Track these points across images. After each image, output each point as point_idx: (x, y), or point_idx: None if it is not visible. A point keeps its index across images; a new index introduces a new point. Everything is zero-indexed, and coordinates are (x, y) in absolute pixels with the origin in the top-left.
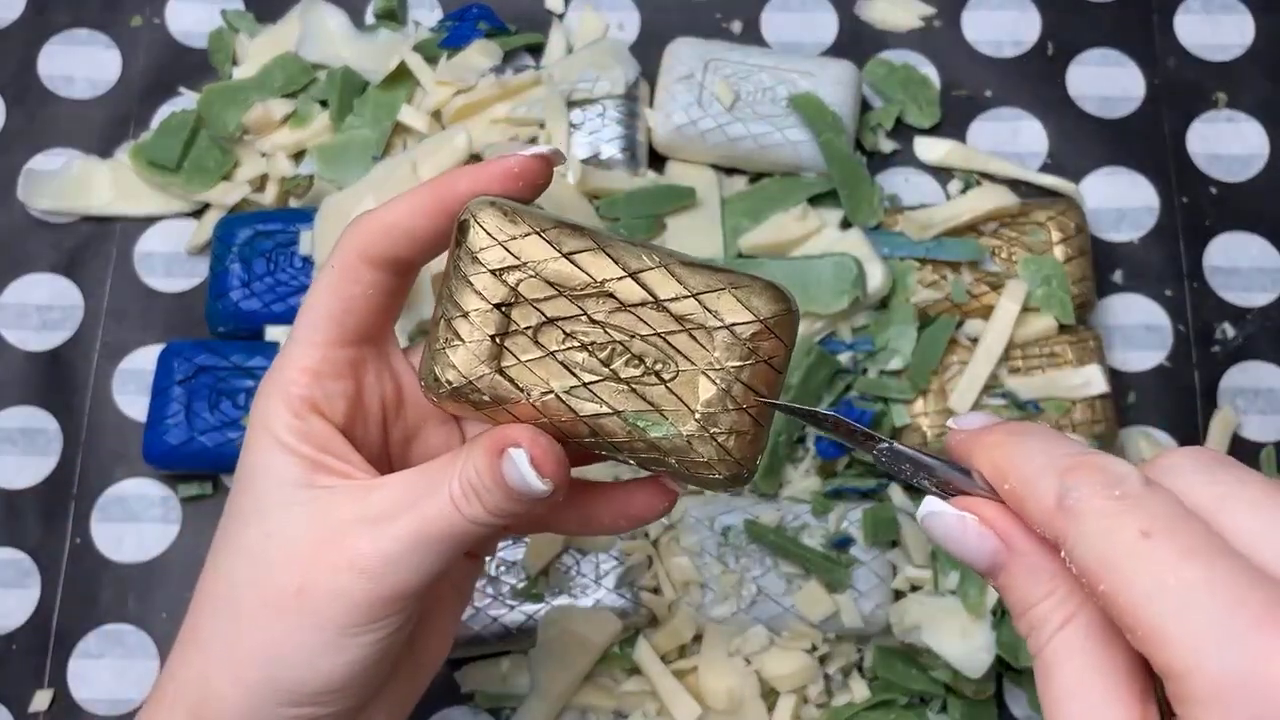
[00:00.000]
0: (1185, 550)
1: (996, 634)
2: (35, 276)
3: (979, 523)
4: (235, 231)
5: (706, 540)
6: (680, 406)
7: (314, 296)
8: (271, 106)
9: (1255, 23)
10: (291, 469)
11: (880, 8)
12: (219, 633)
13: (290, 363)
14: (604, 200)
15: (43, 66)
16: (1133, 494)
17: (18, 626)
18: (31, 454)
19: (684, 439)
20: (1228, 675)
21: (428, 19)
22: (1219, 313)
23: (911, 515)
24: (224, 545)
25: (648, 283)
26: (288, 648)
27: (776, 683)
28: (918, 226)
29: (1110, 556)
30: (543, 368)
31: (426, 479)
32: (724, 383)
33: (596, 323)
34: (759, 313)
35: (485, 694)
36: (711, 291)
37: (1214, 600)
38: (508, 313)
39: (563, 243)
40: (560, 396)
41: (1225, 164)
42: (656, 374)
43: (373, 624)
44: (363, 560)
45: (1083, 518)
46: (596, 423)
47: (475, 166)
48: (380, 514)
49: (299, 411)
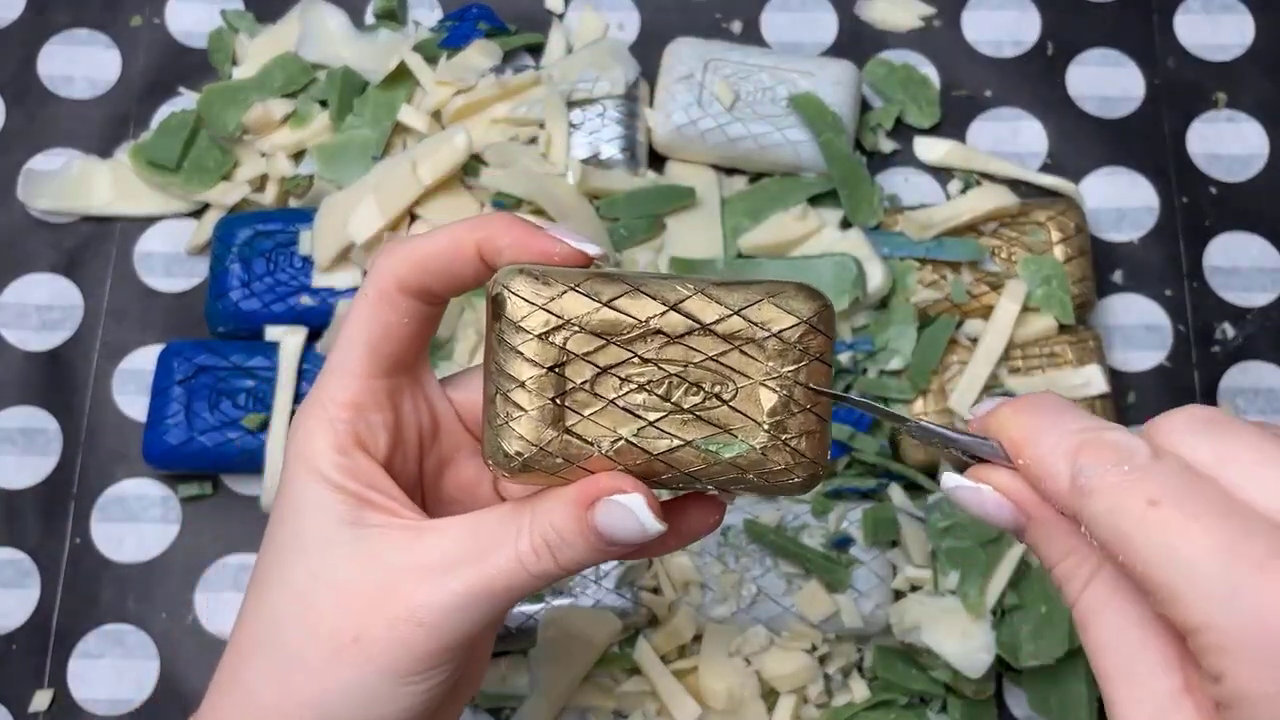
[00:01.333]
0: (1192, 514)
1: (996, 634)
2: (35, 276)
3: (994, 492)
4: (235, 231)
5: (706, 540)
6: (747, 422)
7: (351, 326)
8: (271, 106)
9: (1255, 23)
10: (337, 506)
11: (880, 8)
12: (268, 679)
13: (331, 395)
14: (604, 200)
15: (43, 66)
16: (1141, 466)
17: (18, 626)
18: (31, 454)
19: (758, 452)
20: (1239, 624)
21: (428, 19)
22: (1219, 313)
23: (911, 515)
24: (266, 581)
25: (690, 311)
26: (342, 696)
27: (776, 683)
28: (918, 226)
29: (1123, 528)
30: (607, 417)
31: (488, 532)
32: (784, 389)
33: (649, 361)
34: (801, 314)
35: (485, 694)
36: (752, 305)
37: (1220, 556)
38: (561, 372)
39: (600, 292)
40: (630, 441)
41: (1225, 164)
42: (717, 396)
43: (430, 670)
44: (422, 613)
45: (1095, 495)
46: (671, 458)
47: (518, 223)
48: (437, 564)
49: (343, 446)
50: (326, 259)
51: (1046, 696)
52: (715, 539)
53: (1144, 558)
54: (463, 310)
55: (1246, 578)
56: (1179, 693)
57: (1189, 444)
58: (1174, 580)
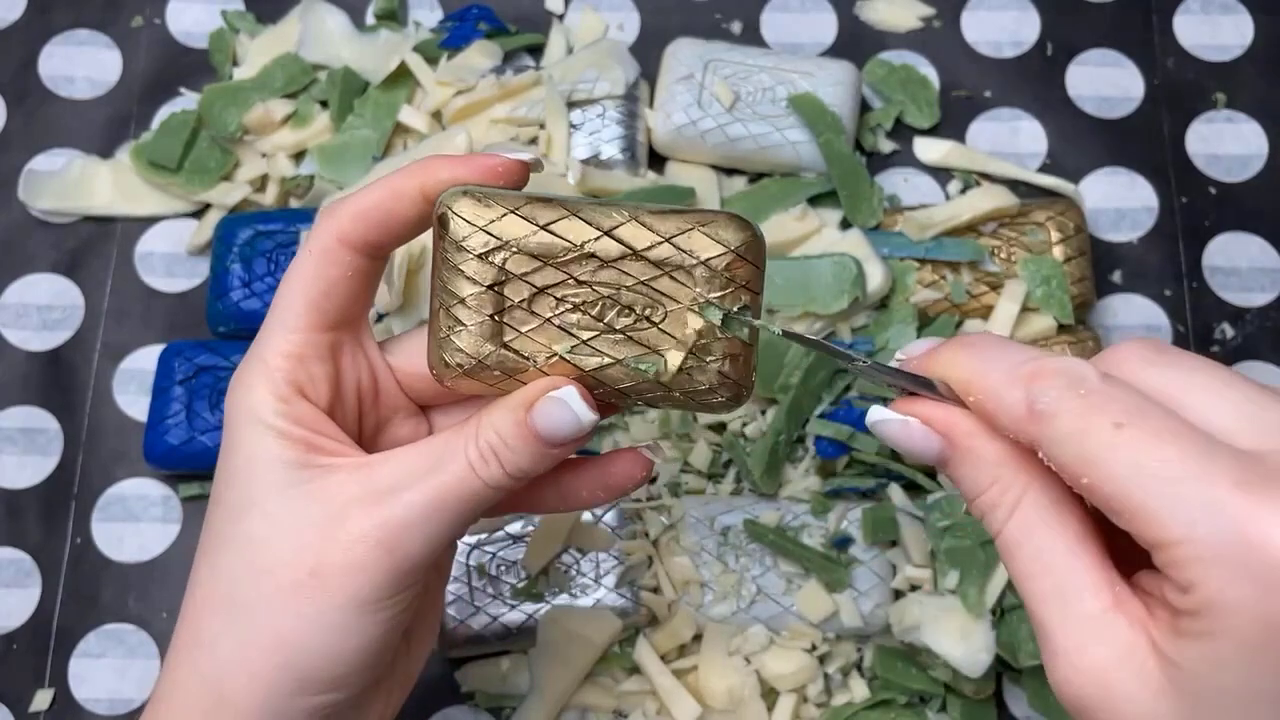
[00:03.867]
0: (1157, 433)
1: (996, 633)
2: (36, 276)
3: (921, 424)
4: (236, 231)
5: (706, 540)
6: (674, 342)
7: (292, 281)
8: (272, 107)
9: (1254, 23)
10: (286, 452)
11: (880, 8)
12: (227, 631)
13: (271, 348)
14: (605, 199)
15: (43, 67)
16: (1095, 390)
17: (18, 626)
18: (32, 454)
19: (684, 372)
20: (1217, 537)
21: (428, 19)
22: (1218, 313)
23: (911, 515)
24: (218, 542)
25: (623, 237)
26: (305, 633)
27: (776, 682)
28: (917, 226)
29: (1088, 451)
30: (542, 334)
31: (434, 450)
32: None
33: (584, 283)
34: (729, 244)
35: (485, 694)
36: (682, 233)
37: (1193, 473)
38: (500, 291)
39: (538, 216)
40: (564, 357)
41: (1224, 164)
42: (647, 318)
43: (389, 598)
44: (378, 532)
45: (1055, 420)
46: (602, 374)
47: (455, 158)
48: (389, 486)
49: (285, 395)
50: None
51: (1046, 696)
52: (715, 539)
53: (1113, 477)
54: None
55: (1225, 494)
56: (1110, 610)
57: (1139, 372)
58: (1146, 499)
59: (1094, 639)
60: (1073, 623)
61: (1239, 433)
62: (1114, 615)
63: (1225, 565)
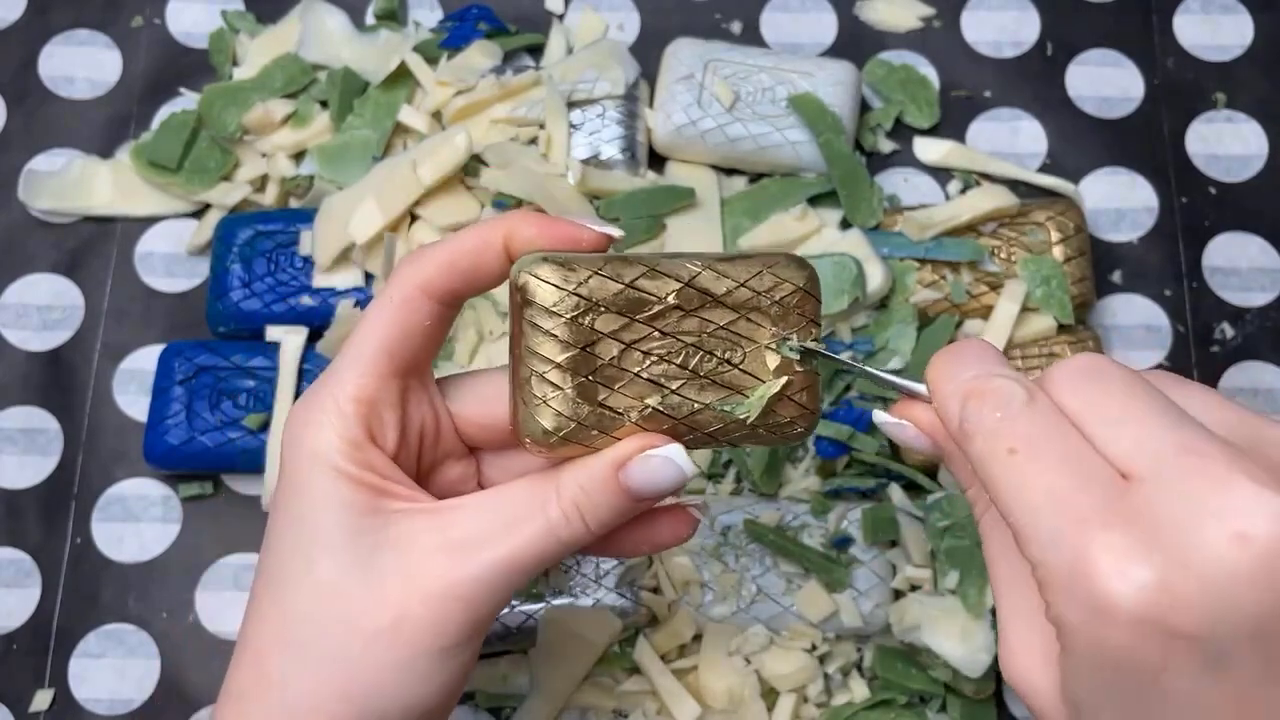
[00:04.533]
0: (1038, 463)
1: (996, 634)
2: (36, 276)
3: (913, 427)
4: (236, 232)
5: (706, 540)
6: (755, 381)
7: (371, 326)
8: (272, 107)
9: (1254, 23)
10: (358, 497)
11: (880, 8)
12: (301, 673)
13: (344, 389)
14: (604, 201)
15: (43, 67)
16: (1011, 414)
17: (18, 626)
18: (32, 454)
19: (769, 408)
20: (1060, 567)
21: (428, 19)
22: (1218, 313)
23: (911, 515)
24: (287, 583)
25: (702, 286)
26: (384, 681)
27: (776, 682)
28: (917, 226)
29: (990, 472)
30: (633, 388)
31: (510, 504)
32: None
33: (667, 335)
34: (797, 282)
35: (485, 694)
36: (754, 276)
37: (1051, 505)
38: (591, 350)
39: (621, 274)
40: (656, 409)
41: (1224, 164)
42: (728, 361)
43: (464, 646)
44: (459, 588)
45: (972, 439)
46: (692, 420)
47: (541, 218)
48: (466, 540)
49: (357, 440)
50: (327, 259)
51: None
52: (715, 539)
53: (1002, 499)
54: (462, 309)
55: (1070, 526)
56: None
57: (1064, 393)
58: (1019, 521)
59: (1025, 631)
60: (1018, 605)
61: (1129, 459)
62: (1043, 613)
63: (1065, 591)
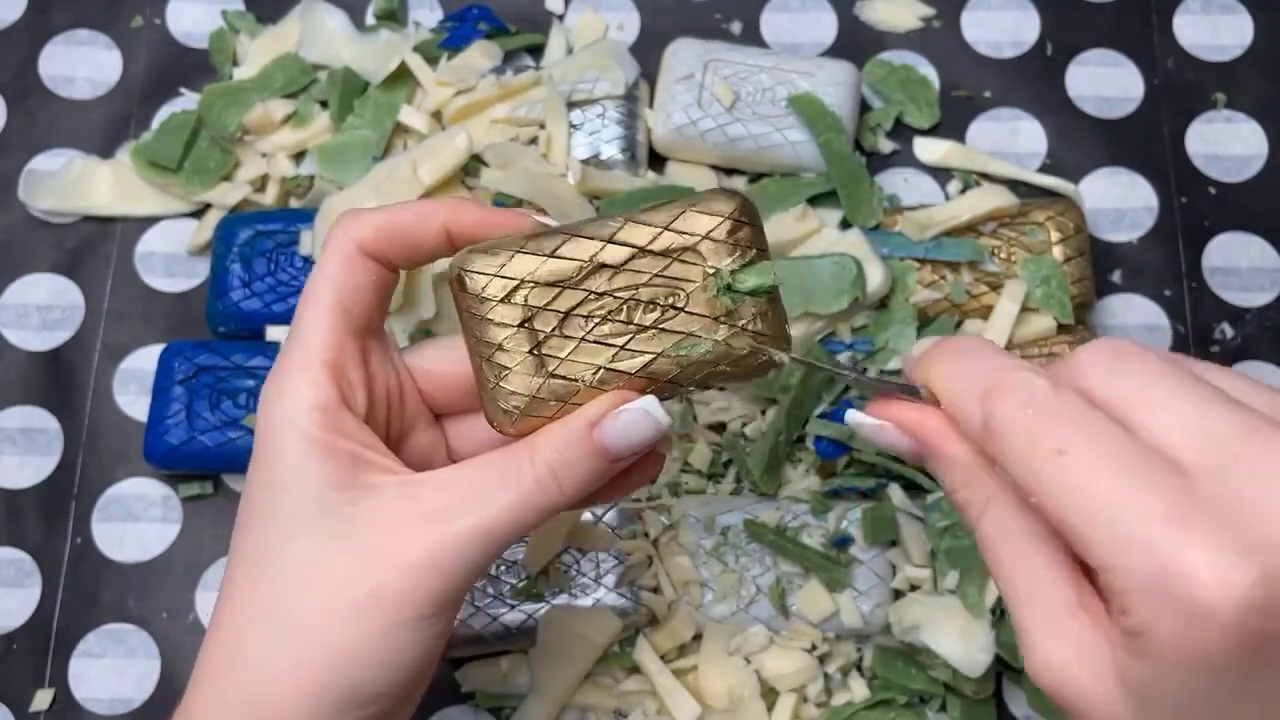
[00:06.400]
0: (1096, 461)
1: (996, 633)
2: (36, 276)
3: (894, 427)
4: (236, 231)
5: (706, 540)
6: (705, 320)
7: (319, 287)
8: (272, 107)
9: (1254, 23)
10: (332, 468)
11: (880, 8)
12: (277, 649)
13: (307, 353)
14: (604, 201)
15: (44, 67)
16: (1045, 409)
17: (18, 626)
18: (32, 454)
19: (723, 344)
20: (1146, 571)
21: (428, 19)
22: (1218, 313)
23: (911, 515)
24: (261, 561)
25: (625, 239)
26: (363, 650)
27: (776, 682)
28: (917, 226)
29: (1034, 474)
30: (582, 353)
31: (484, 473)
32: None
33: (603, 294)
34: (723, 213)
35: (485, 694)
36: (677, 218)
37: (1126, 504)
38: (531, 326)
39: (542, 246)
40: (609, 368)
41: (1224, 164)
42: (672, 306)
43: (440, 615)
44: (433, 558)
45: (1005, 438)
46: (649, 371)
47: (486, 208)
48: (442, 510)
49: (329, 404)
50: None
51: (1046, 696)
52: (715, 538)
53: (1055, 503)
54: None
55: (1154, 529)
56: (1074, 609)
57: (1095, 384)
58: (1083, 527)
59: (1058, 636)
60: (1039, 621)
61: (1185, 447)
62: (1078, 614)
63: (1153, 597)
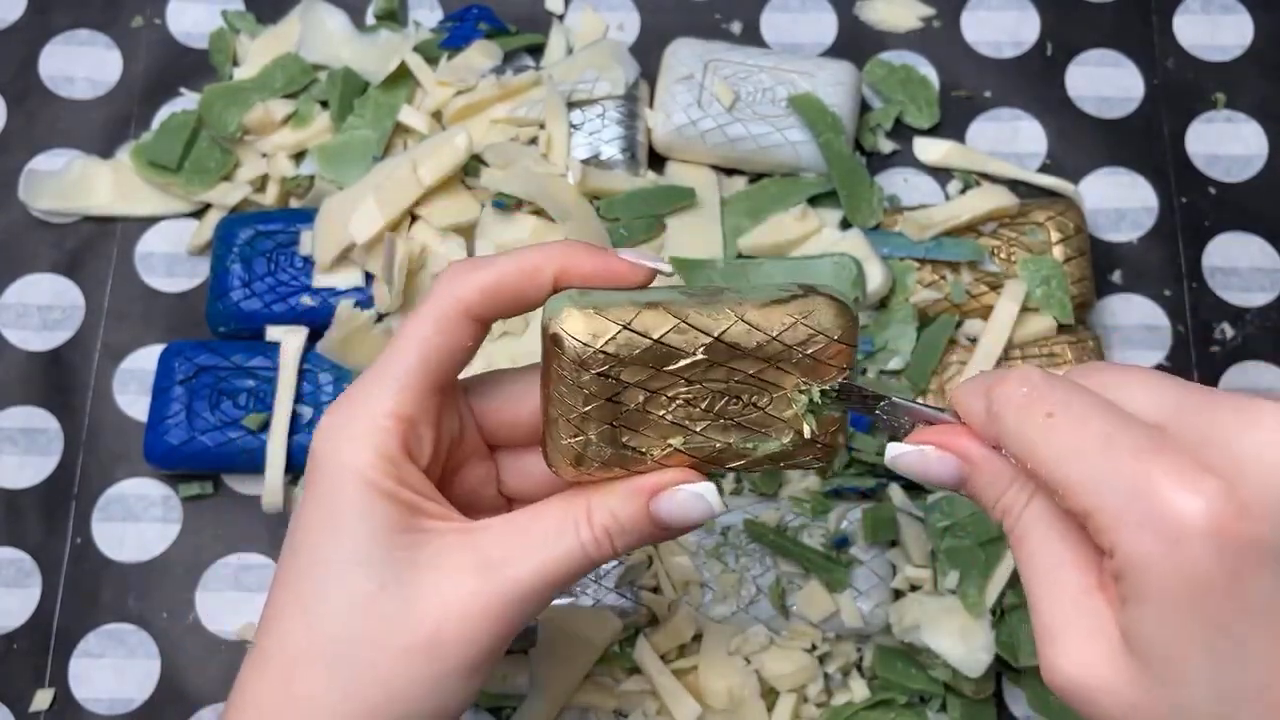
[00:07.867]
0: (1079, 419)
1: (996, 634)
2: (36, 276)
3: (936, 450)
4: (236, 232)
5: (706, 540)
6: (779, 423)
7: (407, 342)
8: (272, 107)
9: (1255, 23)
10: (395, 516)
11: (880, 8)
12: (330, 690)
13: (381, 407)
14: (604, 201)
15: (44, 67)
16: (1036, 387)
17: (18, 626)
18: (32, 454)
19: (789, 446)
20: (1119, 500)
21: (428, 19)
22: (1218, 313)
23: (911, 515)
24: (316, 597)
25: (732, 340)
26: (417, 695)
27: (776, 682)
28: (917, 227)
29: (1027, 439)
30: (657, 430)
31: (543, 527)
32: None
33: (694, 383)
34: (831, 333)
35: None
36: (788, 329)
37: (1103, 447)
38: (617, 399)
39: (650, 329)
40: (678, 449)
41: (1224, 164)
42: (754, 404)
43: (488, 664)
44: (493, 608)
45: (1003, 417)
46: (714, 457)
47: (593, 252)
48: (499, 559)
49: (395, 457)
50: (327, 259)
51: (1046, 696)
52: (715, 538)
53: (1045, 460)
54: None
55: (1127, 460)
56: (1093, 588)
57: (1081, 376)
58: (1069, 475)
59: (1076, 614)
60: (1058, 597)
61: (1151, 410)
62: (1095, 592)
63: (1133, 525)
